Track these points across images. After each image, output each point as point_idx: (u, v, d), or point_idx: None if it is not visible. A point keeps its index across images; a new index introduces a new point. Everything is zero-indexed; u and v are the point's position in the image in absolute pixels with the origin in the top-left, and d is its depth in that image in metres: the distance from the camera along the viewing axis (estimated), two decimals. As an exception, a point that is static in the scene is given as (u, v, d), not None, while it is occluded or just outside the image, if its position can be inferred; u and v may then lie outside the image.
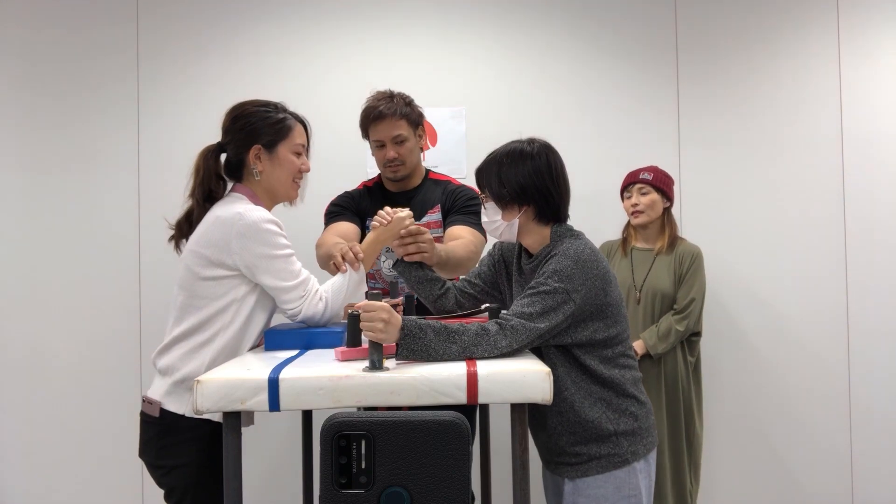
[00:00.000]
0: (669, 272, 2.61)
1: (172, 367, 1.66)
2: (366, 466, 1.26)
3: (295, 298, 1.67)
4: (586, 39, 3.06)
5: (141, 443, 1.71)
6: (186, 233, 1.76)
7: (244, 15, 3.01)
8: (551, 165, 1.66)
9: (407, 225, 1.83)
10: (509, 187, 1.64)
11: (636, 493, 1.59)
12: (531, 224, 1.67)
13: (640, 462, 1.60)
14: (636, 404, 1.62)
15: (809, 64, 3.05)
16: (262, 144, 1.75)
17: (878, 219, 3.01)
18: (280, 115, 1.79)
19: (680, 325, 2.56)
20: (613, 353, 1.61)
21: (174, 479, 1.65)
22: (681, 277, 2.61)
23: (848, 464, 3.00)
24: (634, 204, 2.63)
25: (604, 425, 1.58)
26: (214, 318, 1.65)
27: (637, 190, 2.64)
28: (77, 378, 2.94)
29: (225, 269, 1.65)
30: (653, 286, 2.61)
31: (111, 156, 2.97)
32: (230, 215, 1.64)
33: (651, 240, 2.70)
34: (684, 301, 2.59)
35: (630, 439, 1.59)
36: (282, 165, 1.78)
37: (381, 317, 1.36)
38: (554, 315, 1.51)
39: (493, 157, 1.69)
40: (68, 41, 2.97)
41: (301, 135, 1.83)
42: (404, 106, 2.25)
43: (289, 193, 1.83)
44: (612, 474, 1.58)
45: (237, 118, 1.78)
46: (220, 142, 1.79)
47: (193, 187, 1.77)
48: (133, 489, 2.94)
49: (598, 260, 1.59)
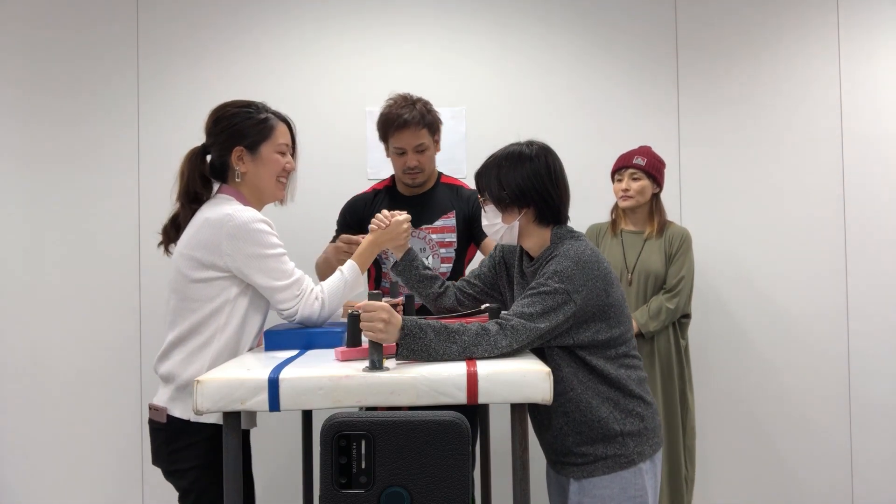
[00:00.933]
0: (660, 253, 2.64)
1: (173, 373, 1.65)
2: (366, 466, 1.26)
3: (289, 298, 1.66)
4: (586, 39, 3.06)
5: (152, 450, 1.71)
6: (174, 237, 1.75)
7: (244, 14, 3.01)
8: (550, 167, 1.66)
9: (405, 229, 1.84)
10: (509, 190, 1.64)
11: (642, 493, 1.59)
12: (531, 226, 1.67)
13: (646, 463, 1.60)
14: (642, 405, 1.62)
15: (809, 64, 3.05)
16: (244, 146, 1.73)
17: (878, 218, 3.01)
18: (262, 115, 1.77)
19: (670, 304, 2.58)
20: (617, 353, 1.61)
21: (188, 482, 1.64)
22: (670, 257, 2.64)
23: (848, 460, 3.00)
24: (625, 189, 2.64)
25: (610, 425, 1.58)
26: (209, 321, 1.65)
27: (629, 175, 2.64)
28: (76, 378, 2.94)
29: (216, 270, 1.64)
30: (644, 267, 2.63)
31: (111, 155, 2.97)
32: (219, 216, 1.63)
33: (640, 223, 2.71)
34: (674, 280, 2.61)
35: (636, 440, 1.59)
36: (265, 165, 1.76)
37: (381, 317, 1.36)
38: (554, 315, 1.51)
39: (493, 160, 1.69)
40: (68, 40, 2.97)
41: (284, 134, 1.80)
42: (426, 114, 2.27)
43: (274, 194, 1.81)
44: (618, 475, 1.57)
45: (219, 120, 1.76)
46: (203, 144, 1.78)
47: (179, 191, 1.76)
48: (133, 490, 2.94)
49: (600, 261, 1.59)
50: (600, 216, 2.84)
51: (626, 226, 2.72)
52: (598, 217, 2.82)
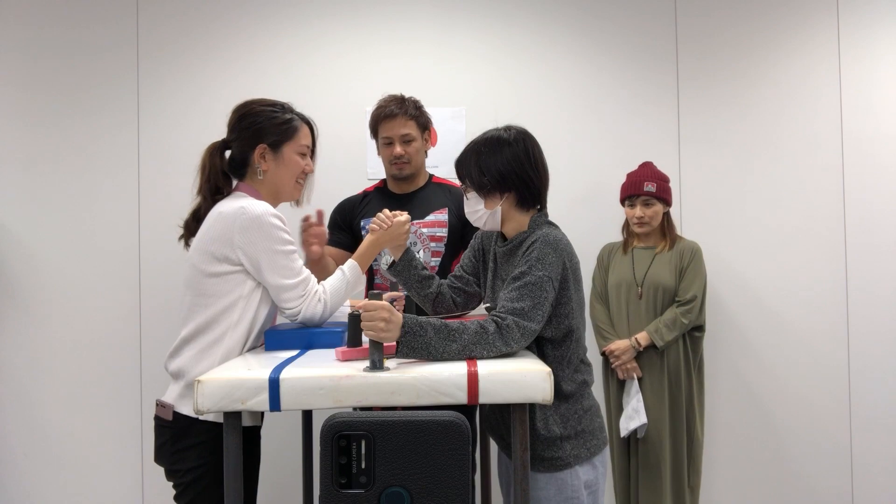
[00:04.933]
0: (670, 267, 2.66)
1: (183, 369, 1.65)
2: (366, 466, 1.26)
3: (294, 297, 1.67)
4: (587, 39, 3.06)
5: (156, 448, 1.70)
6: (195, 231, 1.75)
7: (244, 13, 3.00)
8: (529, 151, 1.67)
9: (406, 230, 1.84)
10: (489, 175, 1.65)
11: (577, 494, 1.60)
12: (513, 211, 1.68)
13: (583, 465, 1.61)
14: (581, 409, 1.63)
15: (809, 64, 3.05)
16: (267, 144, 1.76)
17: (878, 219, 3.01)
18: (287, 115, 1.80)
19: (685, 318, 2.60)
20: (564, 355, 1.61)
21: (188, 481, 1.63)
22: (682, 271, 2.66)
23: (848, 463, 3.00)
24: (640, 216, 2.67)
25: (551, 428, 1.58)
26: (221, 317, 1.65)
27: (641, 202, 2.67)
28: (76, 378, 2.93)
29: (229, 264, 1.64)
30: (654, 281, 2.65)
31: (111, 155, 2.97)
32: (232, 210, 1.64)
33: (651, 239, 2.74)
34: (687, 294, 2.63)
35: (573, 443, 1.60)
36: (286, 166, 1.78)
37: (381, 316, 1.37)
38: (542, 309, 1.52)
39: (471, 147, 1.70)
40: (68, 39, 2.96)
41: (307, 136, 1.83)
42: (414, 109, 2.35)
43: (292, 194, 1.84)
44: (553, 476, 1.58)
45: (244, 116, 1.78)
46: (224, 139, 1.80)
47: (201, 184, 1.77)
48: (133, 491, 2.94)
49: (571, 254, 1.62)
50: (600, 216, 2.85)
51: (638, 242, 2.75)
52: (597, 217, 2.83)
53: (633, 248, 2.74)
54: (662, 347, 2.58)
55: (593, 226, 2.94)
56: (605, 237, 2.84)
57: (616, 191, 2.78)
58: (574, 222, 1.73)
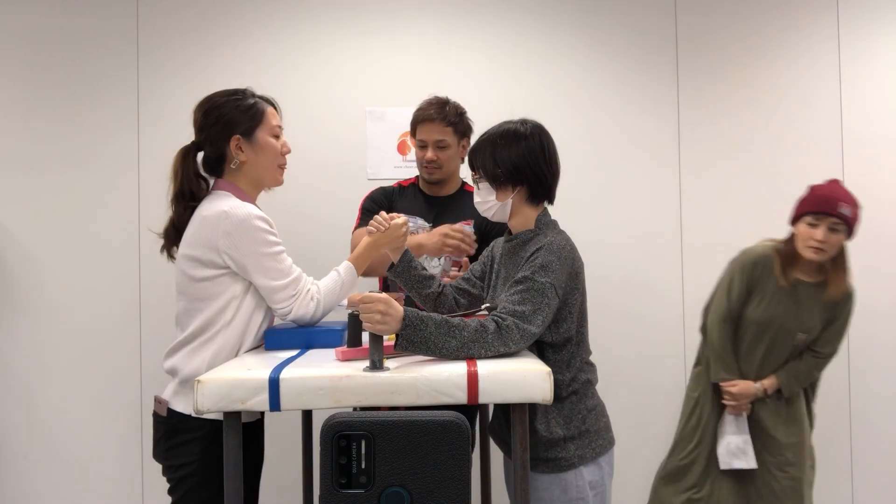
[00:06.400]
0: (821, 309, 2.31)
1: (176, 367, 1.65)
2: (366, 466, 1.26)
3: (285, 298, 1.66)
4: (587, 40, 3.06)
5: (153, 444, 1.71)
6: (175, 239, 1.72)
7: (244, 11, 3.00)
8: (544, 146, 1.68)
9: (404, 232, 1.84)
10: (504, 167, 1.65)
11: (582, 496, 1.59)
12: (522, 205, 1.68)
13: (588, 466, 1.60)
14: (585, 409, 1.63)
15: (809, 64, 3.05)
16: (240, 133, 1.71)
17: (878, 219, 3.01)
18: (250, 100, 1.75)
19: (818, 370, 2.36)
20: (567, 356, 1.61)
21: (180, 477, 1.64)
22: (832, 320, 2.33)
23: (848, 463, 3.00)
24: (822, 241, 2.22)
25: (553, 429, 1.58)
26: (216, 318, 1.64)
27: (829, 224, 2.22)
28: (76, 378, 2.93)
29: (216, 267, 1.63)
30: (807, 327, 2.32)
31: (111, 155, 2.97)
32: (215, 213, 1.62)
33: (813, 273, 2.32)
34: (826, 348, 2.34)
35: (577, 443, 1.60)
36: (263, 151, 1.74)
37: (378, 308, 1.37)
38: (543, 314, 1.52)
39: (487, 138, 1.70)
40: (68, 36, 2.96)
41: (275, 116, 1.79)
42: (455, 115, 2.33)
43: (276, 179, 1.80)
44: (557, 476, 1.58)
45: (209, 111, 1.73)
46: (194, 140, 1.75)
47: (175, 192, 1.73)
48: (133, 491, 2.94)
49: (575, 258, 1.62)
50: (601, 217, 2.83)
51: (801, 275, 2.32)
52: (597, 217, 2.81)
53: (798, 282, 2.31)
54: (787, 396, 2.36)
55: (593, 227, 2.94)
56: (603, 237, 2.84)
57: (616, 190, 2.78)
58: (574, 224, 1.72)
